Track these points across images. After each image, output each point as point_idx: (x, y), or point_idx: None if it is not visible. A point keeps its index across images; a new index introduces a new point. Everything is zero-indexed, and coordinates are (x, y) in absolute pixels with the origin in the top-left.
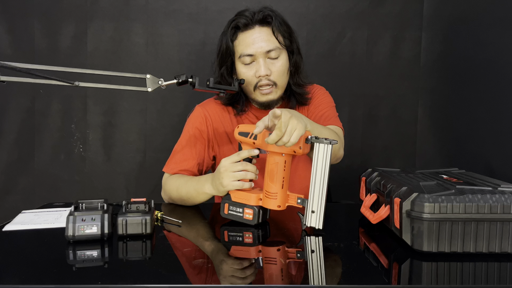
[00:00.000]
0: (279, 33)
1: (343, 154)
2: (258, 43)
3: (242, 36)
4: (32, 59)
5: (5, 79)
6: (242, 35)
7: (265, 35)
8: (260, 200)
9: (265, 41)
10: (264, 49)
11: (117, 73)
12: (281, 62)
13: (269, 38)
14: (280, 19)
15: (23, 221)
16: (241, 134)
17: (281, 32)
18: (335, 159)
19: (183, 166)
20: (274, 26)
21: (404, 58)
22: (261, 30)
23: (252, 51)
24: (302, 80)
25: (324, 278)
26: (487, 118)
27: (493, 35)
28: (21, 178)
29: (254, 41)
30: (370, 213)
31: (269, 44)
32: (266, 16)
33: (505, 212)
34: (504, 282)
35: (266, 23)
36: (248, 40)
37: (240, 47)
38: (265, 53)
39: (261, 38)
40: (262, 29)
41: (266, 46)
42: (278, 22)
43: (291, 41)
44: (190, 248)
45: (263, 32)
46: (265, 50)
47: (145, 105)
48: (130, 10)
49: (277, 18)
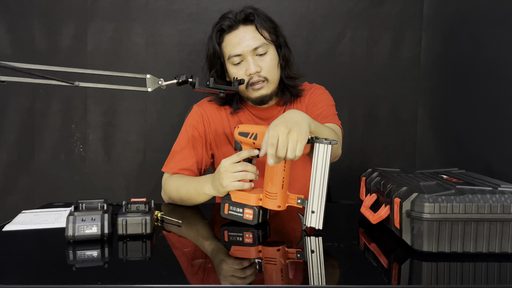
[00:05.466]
0: (263, 29)
1: (341, 152)
2: (244, 42)
3: (228, 38)
4: (32, 59)
5: (5, 79)
6: (227, 36)
7: (250, 33)
8: (260, 200)
9: (251, 39)
10: (251, 47)
11: (117, 73)
12: (270, 57)
13: (254, 36)
14: (263, 15)
15: (23, 221)
16: (241, 134)
17: (265, 28)
18: (333, 158)
19: (182, 165)
20: (257, 23)
21: (404, 58)
22: (245, 29)
23: (239, 50)
24: (293, 72)
25: (324, 278)
26: (487, 118)
27: (493, 35)
28: (21, 178)
29: (240, 41)
30: (370, 213)
31: (255, 41)
32: (248, 15)
33: (505, 212)
34: (504, 282)
35: (249, 21)
36: (234, 41)
37: (228, 49)
38: (253, 50)
39: (247, 36)
40: (247, 27)
41: (252, 44)
42: (261, 19)
43: (277, 35)
44: (190, 248)
45: (248, 31)
46: (252, 48)
47: (145, 105)
48: (130, 10)
49: (260, 15)
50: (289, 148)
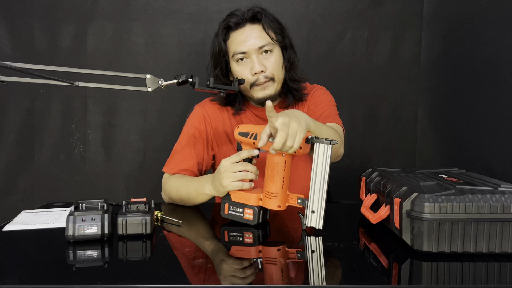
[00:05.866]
0: (270, 29)
1: (343, 152)
2: (250, 40)
3: (234, 35)
4: (32, 59)
5: (5, 79)
6: (234, 34)
7: (256, 32)
8: (260, 200)
9: (257, 38)
10: (256, 46)
11: (117, 73)
12: (275, 57)
13: (261, 35)
14: (271, 15)
15: (23, 221)
16: (241, 134)
17: (272, 28)
18: (335, 157)
19: (183, 165)
20: (264, 22)
21: (404, 58)
22: (252, 28)
23: (245, 48)
24: (298, 75)
25: (324, 278)
26: (487, 118)
27: (493, 35)
28: (21, 178)
29: (246, 39)
30: (370, 213)
31: (261, 40)
32: (256, 14)
33: (505, 212)
34: (504, 282)
35: (257, 20)
36: (240, 38)
37: (233, 46)
38: (258, 49)
39: (253, 35)
40: (253, 26)
41: (258, 43)
42: (268, 19)
43: (283, 36)
44: (190, 248)
45: (254, 29)
46: (257, 46)
47: (145, 105)
48: (130, 10)
49: (267, 15)
50: (289, 134)
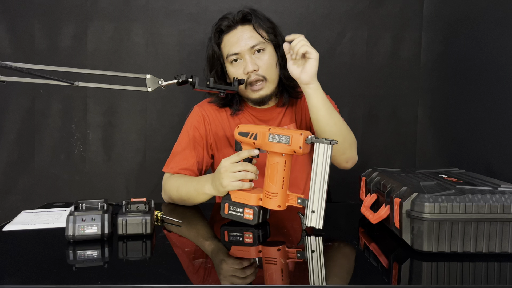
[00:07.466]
0: (261, 29)
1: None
2: (242, 41)
3: (226, 38)
4: (32, 59)
5: (5, 79)
6: (226, 36)
7: (247, 32)
8: (260, 200)
9: (248, 38)
10: (248, 46)
11: (117, 73)
12: (268, 56)
13: (252, 35)
14: (261, 15)
15: (23, 221)
16: (241, 134)
17: (263, 27)
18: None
19: (183, 165)
20: (255, 22)
21: (404, 58)
22: (243, 29)
23: (237, 49)
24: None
25: (324, 278)
26: (487, 118)
27: (493, 35)
28: (21, 178)
29: (238, 40)
30: (370, 213)
31: (252, 40)
32: (245, 15)
33: (505, 212)
34: (504, 282)
35: (247, 21)
36: (232, 40)
37: (226, 48)
38: (250, 49)
39: (244, 35)
40: (244, 27)
41: (250, 42)
42: (259, 19)
43: (275, 35)
44: (190, 248)
45: (246, 30)
46: (249, 46)
47: (145, 105)
48: (130, 10)
49: (257, 15)
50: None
